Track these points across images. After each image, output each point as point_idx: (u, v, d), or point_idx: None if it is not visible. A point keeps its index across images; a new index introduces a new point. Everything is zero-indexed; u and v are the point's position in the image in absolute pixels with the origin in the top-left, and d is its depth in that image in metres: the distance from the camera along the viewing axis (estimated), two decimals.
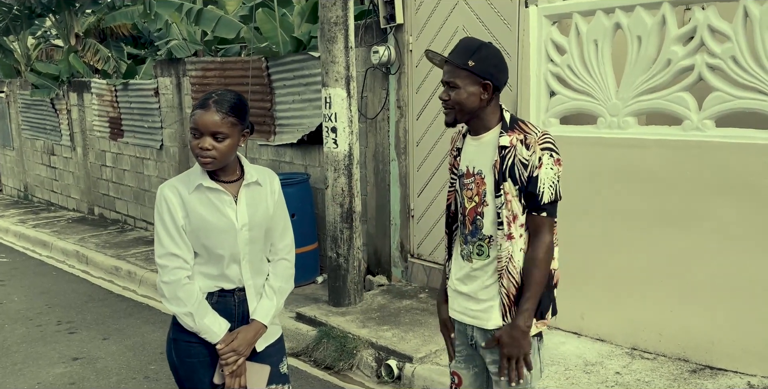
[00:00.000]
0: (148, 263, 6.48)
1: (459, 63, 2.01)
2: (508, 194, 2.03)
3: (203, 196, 2.07)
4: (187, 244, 2.06)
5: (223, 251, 2.09)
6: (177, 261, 2.05)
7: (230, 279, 2.14)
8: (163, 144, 7.56)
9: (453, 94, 2.03)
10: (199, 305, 2.07)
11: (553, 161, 2.02)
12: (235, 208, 2.10)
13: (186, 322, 2.06)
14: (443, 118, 2.16)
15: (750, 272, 3.35)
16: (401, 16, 4.69)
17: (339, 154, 4.46)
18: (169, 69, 7.15)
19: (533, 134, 2.03)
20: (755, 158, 3.27)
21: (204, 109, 1.99)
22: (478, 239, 2.12)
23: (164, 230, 2.04)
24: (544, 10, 3.98)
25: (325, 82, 4.39)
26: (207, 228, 2.06)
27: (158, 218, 2.06)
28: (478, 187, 2.09)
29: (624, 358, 3.80)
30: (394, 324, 4.38)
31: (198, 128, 1.99)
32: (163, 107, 7.43)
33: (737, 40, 3.27)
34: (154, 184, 7.88)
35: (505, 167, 2.02)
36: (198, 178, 2.07)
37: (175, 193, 2.06)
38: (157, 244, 2.06)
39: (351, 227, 4.60)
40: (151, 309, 5.47)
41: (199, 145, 2.00)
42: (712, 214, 3.44)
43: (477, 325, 2.16)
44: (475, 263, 2.14)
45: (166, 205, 2.04)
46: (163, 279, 2.05)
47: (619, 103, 3.75)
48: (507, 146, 2.02)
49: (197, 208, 2.05)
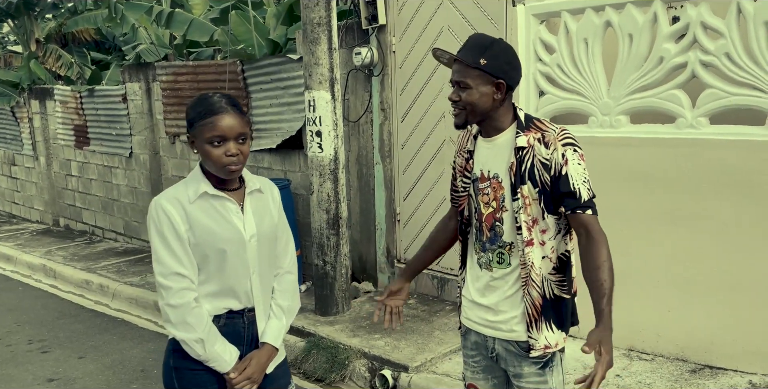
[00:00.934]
0: (121, 275, 6.24)
1: (470, 62, 1.88)
2: (526, 198, 1.92)
3: (207, 205, 1.90)
4: (192, 261, 1.88)
5: (230, 265, 1.92)
6: (183, 281, 1.86)
7: (239, 298, 1.97)
8: (133, 152, 7.31)
9: (464, 94, 1.91)
10: (210, 330, 1.90)
11: (578, 155, 1.90)
12: (242, 217, 1.95)
13: (194, 350, 1.88)
14: (429, 120, 2.06)
15: (749, 270, 3.33)
16: (384, 17, 4.58)
17: (324, 158, 4.32)
18: (138, 74, 6.92)
19: (551, 131, 1.92)
20: (752, 155, 3.25)
21: (222, 113, 1.84)
22: (498, 247, 2.00)
23: (165, 247, 1.85)
24: (532, 9, 3.92)
25: (309, 85, 4.26)
26: (213, 240, 1.88)
27: (157, 234, 1.86)
28: (496, 192, 1.98)
29: (622, 360, 3.75)
30: (386, 332, 4.26)
31: (224, 134, 1.83)
32: (132, 113, 7.18)
33: (731, 37, 3.25)
34: (123, 193, 7.62)
35: (523, 169, 1.91)
36: (201, 186, 1.90)
37: (174, 204, 1.87)
38: (157, 263, 1.87)
39: (338, 233, 4.46)
40: (127, 324, 5.24)
41: (226, 152, 1.83)
42: (709, 212, 3.41)
43: (500, 337, 2.05)
44: (495, 272, 2.02)
45: (167, 218, 1.85)
46: (169, 302, 1.86)
47: (610, 101, 3.71)
48: (524, 147, 1.91)
49: (201, 218, 1.88)
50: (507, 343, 2.04)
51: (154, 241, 1.87)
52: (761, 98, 3.20)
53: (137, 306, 5.58)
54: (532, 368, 2.02)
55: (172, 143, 6.74)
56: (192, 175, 1.94)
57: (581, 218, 1.89)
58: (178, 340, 1.90)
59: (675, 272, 3.57)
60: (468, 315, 2.14)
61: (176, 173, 6.80)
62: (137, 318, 5.38)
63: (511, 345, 2.03)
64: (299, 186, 5.48)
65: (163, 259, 1.86)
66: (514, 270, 1.99)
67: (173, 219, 1.85)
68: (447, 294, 4.72)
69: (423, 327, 4.31)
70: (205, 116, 1.84)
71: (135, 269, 6.45)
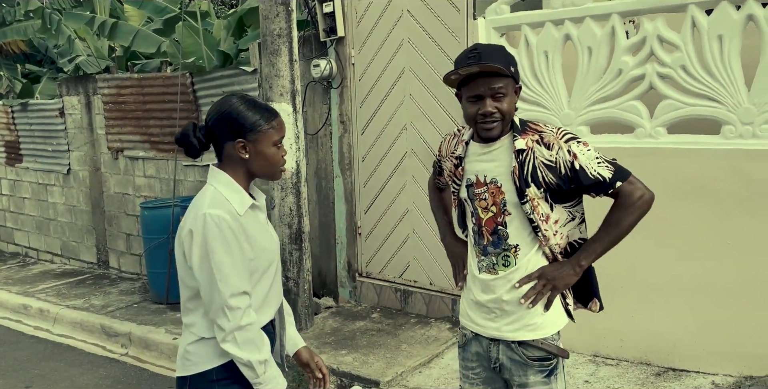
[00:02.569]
0: (62, 298, 5.91)
1: (507, 70, 1.87)
2: (533, 200, 1.93)
3: (251, 217, 1.85)
4: (249, 277, 1.82)
5: (269, 276, 1.90)
6: (247, 300, 1.79)
7: (273, 307, 1.94)
8: (71, 168, 6.97)
9: (501, 104, 1.89)
10: (268, 347, 1.84)
11: (582, 145, 1.92)
12: (269, 226, 1.96)
13: (255, 371, 1.78)
14: (390, 132, 2.09)
15: (708, 273, 3.45)
16: (342, 29, 4.56)
17: (286, 172, 4.24)
18: (77, 87, 6.62)
19: (548, 131, 1.94)
20: (709, 163, 3.39)
21: (278, 116, 1.88)
22: (502, 250, 1.99)
23: (233, 265, 1.75)
24: (493, 22, 3.98)
25: (269, 97, 4.17)
26: (265, 253, 1.87)
27: (224, 252, 1.74)
28: (495, 197, 1.97)
29: (589, 366, 3.81)
30: (353, 348, 4.19)
31: (283, 136, 1.88)
32: (70, 128, 6.86)
33: (686, 50, 3.39)
34: (61, 212, 7.25)
35: (526, 173, 1.92)
36: (244, 197, 1.84)
37: (234, 217, 1.78)
38: (224, 283, 1.74)
39: (300, 248, 4.37)
40: (73, 350, 4.95)
41: (283, 153, 1.88)
42: (669, 219, 3.52)
43: (505, 338, 2.02)
44: (500, 274, 2.01)
45: (233, 233, 1.75)
46: (240, 324, 1.76)
47: (571, 113, 3.79)
48: (524, 150, 1.92)
49: (253, 232, 1.83)
50: (512, 352, 2.02)
51: (218, 258, 1.74)
52: (716, 108, 3.35)
53: (82, 330, 5.29)
54: (538, 377, 2.01)
55: (114, 158, 6.47)
56: (225, 184, 1.84)
57: (614, 193, 1.95)
58: (234, 359, 1.79)
59: (637, 278, 3.66)
60: (472, 317, 2.11)
61: (119, 190, 6.53)
62: (83, 343, 5.10)
63: (516, 353, 2.01)
64: None
65: (230, 278, 1.75)
66: (518, 270, 1.99)
67: (237, 234, 1.77)
68: (411, 306, 4.70)
69: (390, 341, 4.26)
70: (271, 119, 1.84)
71: (77, 292, 6.13)
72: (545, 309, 1.99)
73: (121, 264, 6.72)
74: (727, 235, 3.37)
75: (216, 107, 1.86)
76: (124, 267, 6.69)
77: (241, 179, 1.86)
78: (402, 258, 4.70)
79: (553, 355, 2.01)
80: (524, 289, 1.98)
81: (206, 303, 1.79)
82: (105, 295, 5.95)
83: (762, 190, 3.25)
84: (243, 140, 1.82)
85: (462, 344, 2.18)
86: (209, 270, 1.74)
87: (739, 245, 3.34)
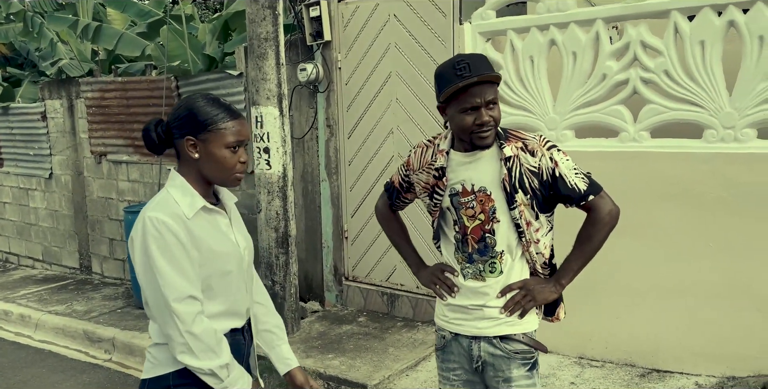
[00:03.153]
0: (43, 304, 5.83)
1: (498, 75, 1.91)
2: (520, 205, 1.96)
3: (203, 220, 1.76)
4: (199, 282, 1.72)
5: (233, 282, 1.81)
6: (197, 305, 1.70)
7: (241, 315, 1.86)
8: (53, 173, 6.90)
9: (494, 113, 1.92)
10: (229, 353, 1.77)
11: (562, 153, 1.98)
12: (232, 231, 1.85)
13: (218, 377, 1.72)
14: (376, 136, 2.09)
15: (690, 275, 3.49)
16: (329, 33, 4.57)
17: (273, 175, 4.23)
18: (60, 91, 6.56)
19: (531, 139, 1.98)
20: (691, 166, 3.44)
21: (239, 118, 1.77)
22: (489, 257, 2.02)
23: (175, 269, 1.67)
24: (479, 27, 4.02)
25: (256, 101, 4.17)
26: (218, 258, 1.76)
27: (162, 255, 1.66)
28: (483, 205, 1.99)
29: (574, 368, 3.84)
30: (339, 352, 4.18)
31: (243, 140, 1.77)
32: (53, 132, 6.79)
33: (669, 55, 3.44)
34: (42, 217, 7.17)
35: (514, 179, 1.94)
36: (195, 200, 1.75)
37: (176, 220, 1.69)
38: (167, 287, 1.66)
39: (287, 252, 4.36)
40: (55, 356, 4.88)
41: (240, 158, 1.76)
42: (653, 222, 3.57)
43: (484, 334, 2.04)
44: (487, 280, 2.03)
45: (173, 236, 1.67)
46: (190, 330, 1.67)
47: (556, 117, 3.83)
48: (511, 156, 1.94)
49: (203, 236, 1.73)
50: (494, 347, 2.04)
51: (158, 263, 1.66)
52: (698, 112, 3.40)
53: (64, 336, 5.22)
54: (521, 370, 2.03)
55: (98, 162, 6.42)
56: (177, 187, 1.76)
57: (586, 207, 2.02)
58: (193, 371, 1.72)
59: (622, 280, 3.70)
60: (450, 317, 2.12)
61: (102, 194, 6.47)
62: (65, 349, 5.03)
63: (498, 348, 2.03)
64: (240, 205, 5.28)
65: (174, 282, 1.67)
66: (505, 276, 2.02)
67: (180, 237, 1.68)
68: (397, 310, 4.70)
69: (376, 345, 4.26)
70: (227, 119, 1.74)
71: (58, 297, 6.05)
72: (519, 317, 2.03)
73: (104, 269, 6.65)
74: (709, 237, 3.42)
75: (178, 102, 1.81)
76: (107, 272, 6.63)
77: (195, 181, 1.78)
78: (388, 262, 4.71)
79: (534, 348, 2.05)
80: (505, 298, 2.03)
81: (153, 309, 1.72)
82: (88, 300, 5.88)
83: (743, 193, 3.30)
84: (193, 138, 1.73)
85: (441, 346, 2.18)
86: (152, 275, 1.68)
87: (722, 248, 3.39)
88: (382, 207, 2.35)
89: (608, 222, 2.00)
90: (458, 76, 1.86)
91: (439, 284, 2.12)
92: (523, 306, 2.00)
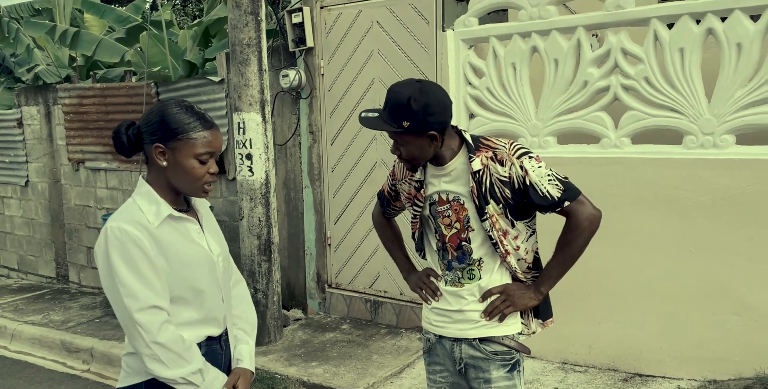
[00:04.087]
0: (19, 314, 5.72)
1: (395, 129, 1.89)
2: (493, 216, 1.96)
3: (171, 228, 1.73)
4: (165, 292, 1.69)
5: (206, 289, 1.78)
6: (161, 315, 1.67)
7: (218, 322, 1.83)
8: (29, 180, 6.79)
9: (403, 150, 1.94)
10: (202, 358, 1.74)
11: (534, 160, 1.95)
12: (204, 238, 1.82)
13: (194, 383, 1.69)
14: (360, 142, 2.10)
15: (672, 279, 3.53)
16: (311, 40, 4.56)
17: (255, 182, 4.20)
18: (37, 97, 6.47)
19: (501, 147, 1.96)
20: (671, 172, 3.48)
21: (212, 129, 1.72)
22: (467, 264, 2.03)
23: (138, 278, 1.63)
24: (461, 34, 4.04)
25: (238, 107, 4.14)
26: (188, 266, 1.73)
27: (125, 264, 1.64)
28: (458, 213, 2.00)
29: (558, 373, 3.85)
30: (323, 359, 4.15)
31: (214, 151, 1.72)
32: (29, 139, 6.69)
33: (649, 62, 3.48)
34: (18, 225, 7.04)
35: (484, 190, 1.94)
36: (161, 208, 1.72)
37: (140, 229, 1.65)
38: (130, 297, 1.63)
39: (270, 259, 4.33)
40: (32, 367, 4.78)
41: (209, 170, 1.72)
42: (634, 226, 3.60)
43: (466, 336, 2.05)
44: (466, 287, 2.05)
45: (135, 245, 1.64)
46: (156, 340, 1.64)
47: (539, 123, 3.86)
48: (480, 169, 1.94)
49: (171, 244, 1.70)
50: (474, 349, 2.05)
51: (120, 273, 1.63)
52: (678, 119, 3.45)
53: (41, 346, 5.12)
54: (500, 371, 2.04)
55: (75, 169, 6.32)
56: (143, 195, 1.74)
57: (563, 213, 1.99)
58: (167, 382, 1.69)
59: (604, 285, 3.73)
60: (432, 320, 2.14)
61: (80, 202, 6.38)
62: (42, 360, 4.93)
63: (478, 350, 2.04)
64: (221, 212, 5.28)
65: (136, 292, 1.63)
66: (483, 282, 2.03)
67: (143, 246, 1.65)
68: (381, 317, 4.68)
69: (360, 352, 4.24)
70: (198, 129, 1.69)
71: (35, 307, 5.93)
72: (499, 322, 2.03)
73: (82, 278, 6.54)
74: (690, 242, 3.46)
75: (152, 107, 1.78)
76: (84, 281, 6.52)
77: (164, 188, 1.74)
78: (372, 269, 4.69)
79: (514, 350, 2.05)
80: (486, 303, 2.03)
81: (119, 320, 1.69)
82: (65, 310, 5.77)
83: (723, 198, 3.35)
84: (162, 146, 1.70)
85: (427, 349, 2.20)
86: (115, 285, 1.64)
87: (702, 252, 3.43)
88: (376, 214, 2.38)
89: (587, 227, 1.97)
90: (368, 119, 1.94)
91: (424, 289, 2.14)
92: (502, 310, 2.01)
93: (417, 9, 4.21)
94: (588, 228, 1.97)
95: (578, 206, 1.96)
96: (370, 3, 4.43)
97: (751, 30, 3.21)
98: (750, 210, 3.29)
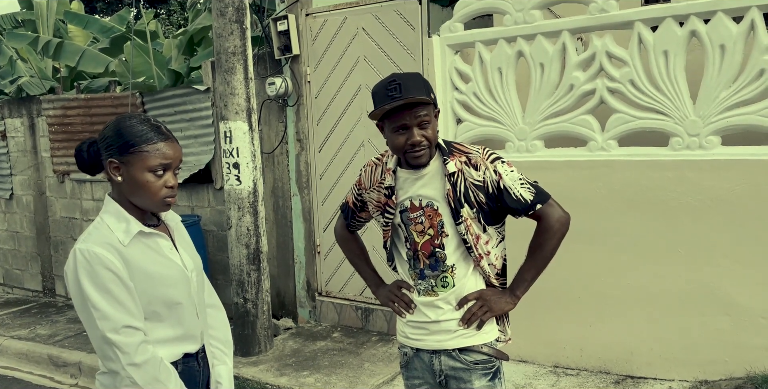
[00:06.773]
0: (5, 329, 5.63)
1: (429, 99, 1.89)
2: (467, 220, 1.95)
3: (142, 245, 1.68)
4: (140, 311, 1.65)
5: (180, 306, 1.73)
6: (137, 335, 1.63)
7: (194, 338, 1.79)
8: (14, 193, 6.71)
9: (427, 132, 1.91)
10: (178, 381, 1.69)
11: (506, 165, 1.98)
12: (177, 253, 1.77)
13: None
14: (347, 150, 2.06)
15: (660, 281, 3.53)
16: (297, 47, 4.55)
17: (243, 191, 4.17)
18: (20, 109, 6.41)
19: (474, 152, 1.98)
20: (658, 174, 3.49)
21: (169, 139, 1.67)
22: (440, 272, 2.01)
23: (109, 301, 1.59)
24: (447, 40, 4.04)
25: (224, 116, 4.12)
26: (161, 283, 1.69)
27: (94, 287, 1.59)
28: (432, 219, 1.99)
29: (550, 377, 3.84)
30: (314, 369, 4.12)
31: (170, 163, 1.65)
32: (13, 151, 6.62)
33: (634, 65, 3.51)
34: (3, 239, 6.95)
35: (459, 194, 1.94)
36: (131, 225, 1.67)
37: (109, 250, 1.61)
38: (102, 319, 1.59)
39: (259, 268, 4.29)
40: (19, 382, 4.71)
41: (166, 183, 1.66)
42: (622, 229, 3.61)
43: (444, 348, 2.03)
44: (439, 295, 2.02)
45: (104, 267, 1.59)
46: (133, 362, 1.60)
47: (526, 127, 3.87)
48: (455, 172, 1.95)
49: (142, 262, 1.66)
50: (453, 360, 2.03)
51: (91, 296, 1.59)
52: (664, 121, 3.47)
53: (28, 361, 5.04)
54: (482, 381, 2.02)
55: (60, 181, 6.26)
56: (110, 213, 1.69)
57: (535, 215, 2.00)
58: None
59: (594, 288, 3.73)
60: (409, 333, 2.11)
61: (66, 214, 6.31)
62: (29, 375, 4.85)
63: (458, 360, 2.03)
64: (209, 222, 5.25)
65: (108, 314, 1.59)
66: (457, 289, 2.01)
67: (113, 267, 1.60)
68: (372, 324, 4.66)
69: (352, 360, 4.21)
70: (150, 141, 1.63)
71: (21, 322, 5.85)
72: (477, 329, 2.02)
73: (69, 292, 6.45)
74: (677, 243, 3.47)
75: (107, 121, 1.73)
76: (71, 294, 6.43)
77: (127, 204, 1.69)
78: None
79: (494, 358, 2.04)
80: (463, 310, 2.02)
81: (93, 342, 1.65)
82: (52, 324, 5.70)
83: (710, 199, 3.36)
84: (115, 161, 1.64)
85: (404, 363, 2.17)
86: (87, 309, 1.60)
87: (690, 254, 3.44)
88: (339, 229, 2.34)
89: (558, 229, 1.99)
90: (389, 97, 1.86)
91: (397, 302, 2.11)
92: (480, 317, 2.00)
93: (402, 15, 4.22)
94: (559, 230, 1.99)
95: (549, 209, 1.99)
96: (355, 10, 4.43)
97: (734, 31, 3.24)
98: (737, 210, 3.31)
